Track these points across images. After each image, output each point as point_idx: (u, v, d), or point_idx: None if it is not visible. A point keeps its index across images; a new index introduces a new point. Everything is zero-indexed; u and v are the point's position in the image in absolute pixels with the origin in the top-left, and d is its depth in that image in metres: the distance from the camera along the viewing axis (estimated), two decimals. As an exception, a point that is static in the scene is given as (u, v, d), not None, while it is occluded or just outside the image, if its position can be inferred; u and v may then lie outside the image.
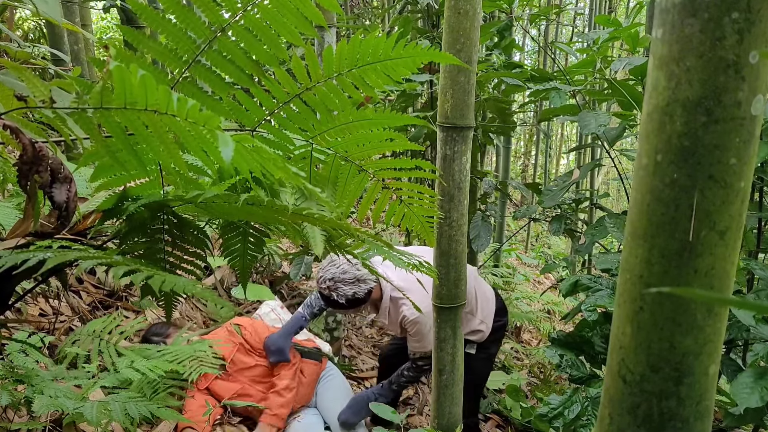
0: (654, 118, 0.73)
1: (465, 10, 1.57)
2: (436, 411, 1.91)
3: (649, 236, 0.75)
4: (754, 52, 0.67)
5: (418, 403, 2.94)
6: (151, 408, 1.40)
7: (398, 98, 3.04)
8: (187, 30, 0.85)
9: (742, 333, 1.77)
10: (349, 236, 0.96)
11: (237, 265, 1.12)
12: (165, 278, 0.74)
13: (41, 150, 0.85)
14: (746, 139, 0.69)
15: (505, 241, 4.59)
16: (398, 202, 1.10)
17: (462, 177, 1.70)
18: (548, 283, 6.25)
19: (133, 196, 0.93)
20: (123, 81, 0.64)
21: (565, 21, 8.21)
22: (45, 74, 3.00)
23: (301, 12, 0.86)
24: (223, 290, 3.30)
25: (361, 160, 1.03)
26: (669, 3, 0.70)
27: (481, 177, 3.21)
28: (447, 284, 1.79)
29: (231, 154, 0.58)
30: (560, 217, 2.69)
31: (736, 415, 1.62)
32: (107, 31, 7.09)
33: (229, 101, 0.94)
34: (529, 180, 9.49)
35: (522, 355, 3.94)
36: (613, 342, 0.82)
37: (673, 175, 0.71)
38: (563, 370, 1.89)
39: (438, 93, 1.71)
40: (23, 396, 1.24)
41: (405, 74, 0.92)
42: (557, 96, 2.36)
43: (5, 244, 0.86)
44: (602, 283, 1.95)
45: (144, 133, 0.72)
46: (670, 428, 0.77)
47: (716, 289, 0.73)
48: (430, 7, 3.09)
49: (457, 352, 1.86)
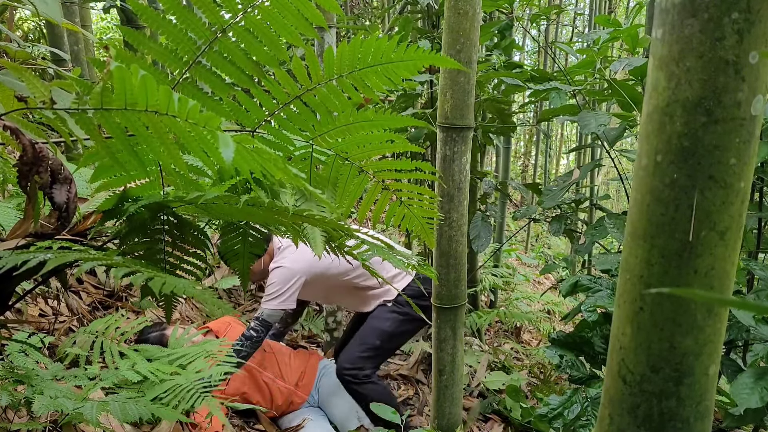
0: (654, 118, 0.73)
1: (465, 10, 1.57)
2: (436, 411, 1.91)
3: (649, 236, 0.75)
4: (754, 53, 0.67)
5: (418, 404, 2.94)
6: (151, 408, 1.39)
7: (398, 99, 3.04)
8: (188, 31, 0.85)
9: (742, 333, 1.77)
10: (349, 237, 0.96)
11: (237, 265, 1.12)
12: (165, 279, 0.74)
13: (41, 151, 0.85)
14: (746, 139, 0.69)
15: (505, 242, 4.59)
16: (398, 203, 1.10)
17: (462, 177, 1.70)
18: (548, 284, 6.26)
19: (133, 197, 0.93)
20: (123, 82, 0.64)
21: (565, 21, 8.22)
22: (45, 74, 3.00)
23: (302, 13, 0.86)
24: (223, 290, 3.30)
25: (361, 161, 1.03)
26: (669, 3, 0.70)
27: (481, 177, 3.21)
28: (447, 284, 1.79)
29: (232, 155, 0.58)
30: (560, 217, 2.69)
31: (736, 416, 1.62)
32: (107, 32, 7.10)
33: (229, 102, 0.94)
34: (529, 180, 9.49)
35: (522, 355, 3.94)
36: (613, 342, 0.82)
37: (673, 176, 0.72)
38: (563, 370, 1.89)
39: (438, 93, 1.72)
40: (23, 396, 1.24)
41: (406, 76, 0.92)
42: (557, 96, 2.36)
43: (5, 244, 0.86)
44: (602, 284, 1.95)
45: (144, 133, 0.72)
46: (670, 428, 0.77)
47: (716, 289, 0.73)
48: (430, 8, 3.09)
49: (457, 352, 1.86)
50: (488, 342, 3.89)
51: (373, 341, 2.40)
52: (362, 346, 2.40)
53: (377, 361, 2.46)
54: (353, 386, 2.36)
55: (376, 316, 2.45)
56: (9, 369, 1.33)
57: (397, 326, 2.41)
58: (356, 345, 2.42)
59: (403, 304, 2.42)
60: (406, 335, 2.55)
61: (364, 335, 2.43)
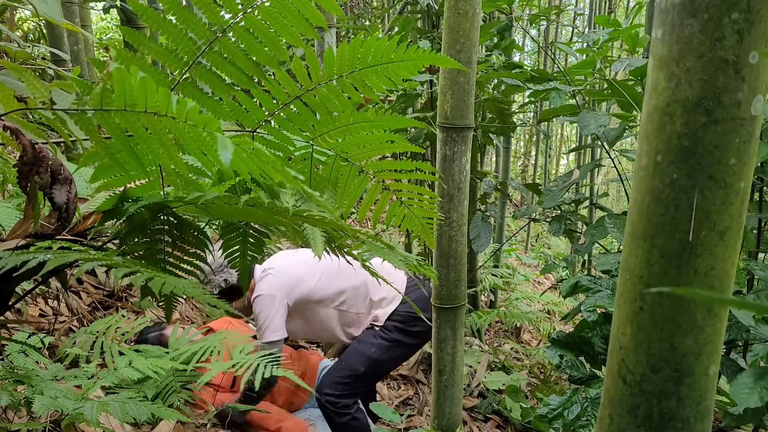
0: (654, 118, 0.73)
1: (465, 10, 1.57)
2: (436, 411, 1.92)
3: (649, 236, 0.75)
4: (754, 53, 0.67)
5: (418, 404, 2.94)
6: (150, 408, 1.39)
7: (398, 99, 3.04)
8: (188, 31, 0.85)
9: (742, 333, 1.77)
10: (349, 237, 0.96)
11: (237, 265, 1.12)
12: (165, 280, 0.74)
13: (41, 151, 0.85)
14: (746, 139, 0.69)
15: (505, 242, 4.59)
16: (398, 204, 1.10)
17: (462, 177, 1.70)
18: (548, 284, 6.25)
19: (133, 197, 0.93)
20: (123, 83, 0.64)
21: (565, 21, 8.21)
22: (45, 74, 3.00)
23: (302, 13, 0.86)
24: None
25: (361, 161, 1.03)
26: (669, 3, 0.70)
27: (481, 177, 3.22)
28: (447, 285, 1.79)
29: (230, 158, 0.58)
30: (560, 217, 2.69)
31: (735, 416, 1.62)
32: (107, 32, 7.10)
33: (229, 102, 0.94)
34: (529, 180, 9.49)
35: (522, 355, 3.94)
36: (613, 342, 0.82)
37: (673, 176, 0.72)
38: (563, 370, 1.89)
39: (438, 93, 1.72)
40: (23, 396, 1.24)
41: (406, 76, 0.92)
42: (557, 96, 2.36)
43: (5, 245, 0.86)
44: (602, 284, 1.95)
45: (144, 134, 0.72)
46: (670, 428, 0.77)
47: (716, 289, 0.73)
48: (430, 8, 3.09)
49: (457, 352, 1.86)
50: (488, 342, 3.89)
51: (356, 367, 2.23)
52: (343, 372, 2.24)
53: (358, 388, 2.26)
54: (331, 414, 2.21)
55: (362, 339, 2.28)
56: (9, 369, 1.33)
57: (383, 353, 2.24)
58: (337, 369, 2.27)
59: (391, 330, 2.25)
60: (394, 362, 2.39)
61: (347, 358, 2.27)
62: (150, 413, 1.37)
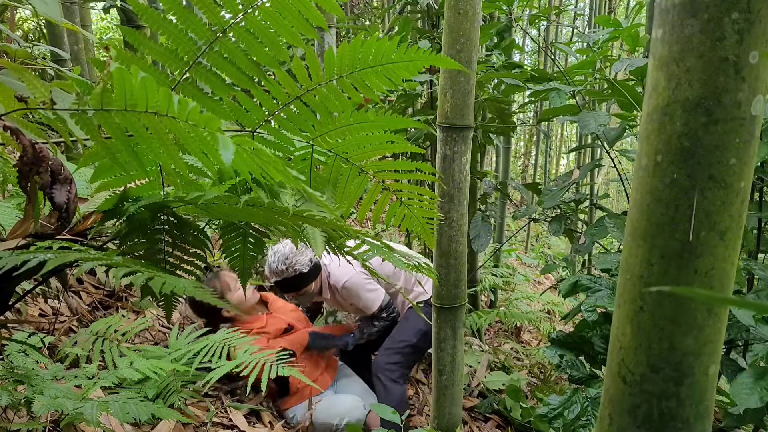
0: (654, 118, 0.73)
1: (465, 10, 1.57)
2: (436, 411, 1.91)
3: (649, 236, 0.75)
4: (754, 52, 0.67)
5: (418, 404, 2.94)
6: (151, 408, 1.40)
7: (398, 99, 3.04)
8: (188, 31, 0.85)
9: (742, 333, 1.76)
10: (349, 237, 0.96)
11: (237, 265, 1.12)
12: (165, 279, 0.74)
13: (41, 151, 0.85)
14: (746, 139, 0.70)
15: (505, 242, 4.59)
16: (398, 204, 1.10)
17: (462, 177, 1.70)
18: (548, 284, 6.25)
19: (133, 197, 0.93)
20: (123, 83, 0.64)
21: (565, 21, 8.21)
22: (45, 74, 3.00)
23: (302, 13, 0.86)
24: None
25: (361, 161, 1.03)
26: (669, 3, 0.70)
27: (481, 177, 3.22)
28: (447, 285, 1.79)
29: (231, 157, 0.58)
30: (560, 217, 2.69)
31: (735, 416, 1.63)
32: (107, 32, 7.10)
33: (229, 102, 0.94)
34: (529, 180, 9.49)
35: (522, 355, 3.94)
36: (613, 342, 0.82)
37: (673, 176, 0.72)
38: (563, 370, 1.89)
39: (438, 93, 1.71)
40: (23, 396, 1.24)
41: (406, 76, 0.92)
42: (557, 96, 2.36)
43: (5, 244, 0.86)
44: (602, 284, 1.95)
45: (144, 134, 0.72)
46: (671, 429, 0.77)
47: (716, 289, 0.73)
48: (430, 8, 3.09)
49: (457, 352, 1.86)
50: (488, 342, 3.89)
51: (410, 339, 2.49)
52: (400, 344, 2.49)
53: (413, 359, 2.55)
54: (387, 384, 2.44)
55: (409, 317, 2.54)
56: (9, 369, 1.33)
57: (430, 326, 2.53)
58: (394, 342, 2.51)
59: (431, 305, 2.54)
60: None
61: (399, 334, 2.51)
62: (150, 413, 1.37)
